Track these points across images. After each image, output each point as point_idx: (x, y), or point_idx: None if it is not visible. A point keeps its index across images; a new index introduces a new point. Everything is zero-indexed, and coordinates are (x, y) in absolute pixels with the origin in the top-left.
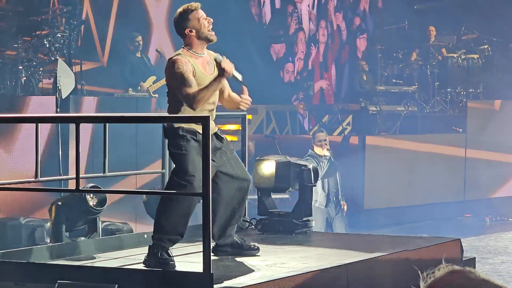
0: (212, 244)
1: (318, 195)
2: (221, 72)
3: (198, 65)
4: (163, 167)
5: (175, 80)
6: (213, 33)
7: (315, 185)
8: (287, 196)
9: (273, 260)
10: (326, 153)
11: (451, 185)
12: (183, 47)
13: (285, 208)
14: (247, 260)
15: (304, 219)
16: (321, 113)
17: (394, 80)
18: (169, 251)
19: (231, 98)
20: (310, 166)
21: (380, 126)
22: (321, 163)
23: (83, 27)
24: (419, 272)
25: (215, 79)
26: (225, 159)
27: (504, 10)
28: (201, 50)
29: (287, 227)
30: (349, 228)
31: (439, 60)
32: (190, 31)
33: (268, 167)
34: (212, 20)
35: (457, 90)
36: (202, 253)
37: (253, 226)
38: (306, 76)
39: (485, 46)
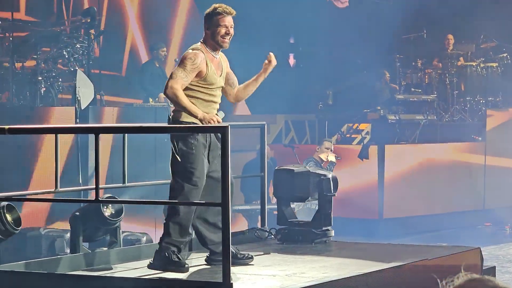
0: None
1: None
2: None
3: (213, 66)
4: None
5: (181, 61)
6: (226, 40)
7: (334, 195)
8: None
9: (292, 270)
10: (332, 159)
11: (471, 194)
12: (201, 42)
13: None
14: (266, 270)
15: (324, 228)
16: (340, 122)
17: (413, 89)
18: (179, 255)
19: (245, 86)
20: (330, 176)
21: (399, 135)
22: (327, 168)
23: (102, 38)
24: (438, 280)
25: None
26: (216, 162)
27: None
28: (214, 50)
29: (307, 237)
30: (368, 238)
31: (458, 69)
32: (207, 29)
33: (287, 177)
34: (232, 32)
35: (476, 99)
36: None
37: (272, 236)
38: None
39: (504, 55)
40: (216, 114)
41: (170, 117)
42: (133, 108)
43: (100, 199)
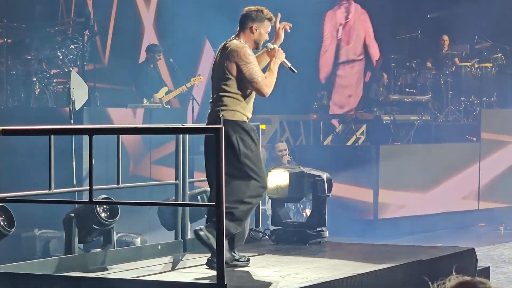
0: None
1: None
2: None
3: None
4: (176, 178)
5: (248, 65)
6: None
7: (329, 196)
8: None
9: (287, 271)
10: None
11: (466, 194)
12: (238, 39)
13: None
14: (261, 271)
15: (318, 229)
16: (335, 123)
17: (407, 90)
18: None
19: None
20: (324, 176)
21: (394, 136)
22: None
23: (98, 38)
24: (430, 283)
25: (274, 64)
26: None
27: None
28: (250, 48)
29: (301, 238)
30: (364, 238)
31: (453, 69)
32: (256, 30)
33: (281, 178)
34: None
35: (470, 99)
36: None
37: (267, 237)
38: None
39: (499, 55)
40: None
41: (221, 116)
42: (128, 109)
43: (94, 200)
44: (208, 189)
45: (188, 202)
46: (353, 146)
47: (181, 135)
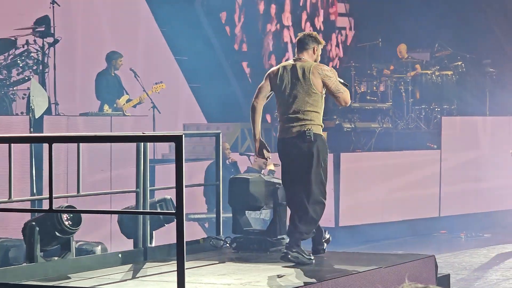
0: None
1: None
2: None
3: None
4: (137, 186)
5: (331, 79)
6: None
7: None
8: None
9: (247, 279)
10: (271, 167)
11: (427, 202)
12: (305, 59)
13: None
14: (221, 279)
15: (279, 237)
16: None
17: (368, 97)
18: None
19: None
20: None
21: (354, 143)
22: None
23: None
24: None
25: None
26: None
27: (477, 27)
28: None
29: (262, 245)
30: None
31: (413, 77)
32: (316, 50)
33: (242, 185)
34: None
35: (431, 107)
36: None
37: (227, 245)
38: None
39: (459, 63)
40: None
41: (310, 130)
42: (88, 117)
43: (54, 209)
44: (168, 197)
45: (148, 210)
46: None
47: (142, 143)
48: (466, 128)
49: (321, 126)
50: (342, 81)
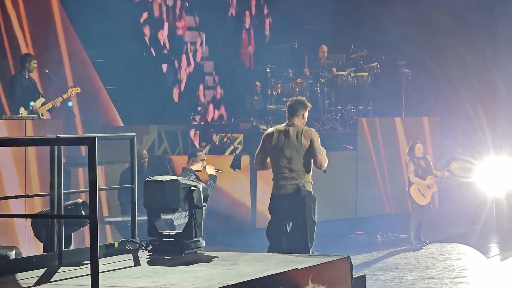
0: None
1: None
2: None
3: None
4: (51, 189)
5: (319, 142)
6: None
7: (205, 205)
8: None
9: (163, 282)
10: (211, 171)
11: (343, 202)
12: (296, 123)
13: None
14: (136, 282)
15: (195, 239)
16: (213, 133)
17: (284, 99)
18: None
19: None
20: (200, 187)
21: None
22: (211, 182)
23: None
24: None
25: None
26: None
27: (392, 28)
28: None
29: (177, 248)
30: (241, 247)
31: (329, 78)
32: (304, 115)
33: (157, 188)
34: None
35: (347, 108)
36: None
37: (143, 248)
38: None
39: (374, 64)
40: None
41: (304, 189)
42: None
43: None
44: (80, 200)
45: (62, 214)
46: (231, 156)
47: (56, 146)
48: (381, 129)
49: (311, 183)
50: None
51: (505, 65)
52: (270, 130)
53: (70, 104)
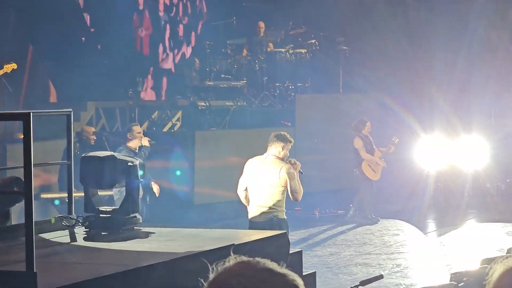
0: None
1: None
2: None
3: None
4: None
5: (294, 181)
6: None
7: (141, 181)
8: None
9: (99, 258)
10: (145, 143)
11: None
12: (279, 158)
13: None
14: (72, 258)
15: (131, 215)
16: (151, 109)
17: (223, 75)
18: None
19: None
20: (137, 162)
21: (209, 121)
22: (142, 153)
23: None
24: (209, 265)
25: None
26: None
27: (331, 5)
28: None
29: (114, 224)
30: (180, 224)
31: (268, 55)
32: (283, 149)
33: (93, 164)
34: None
35: (285, 85)
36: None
37: (80, 224)
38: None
39: (313, 41)
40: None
41: (277, 217)
42: None
43: None
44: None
45: None
46: (169, 132)
47: None
48: (319, 105)
49: (284, 211)
50: (301, 171)
51: (441, 44)
52: (253, 159)
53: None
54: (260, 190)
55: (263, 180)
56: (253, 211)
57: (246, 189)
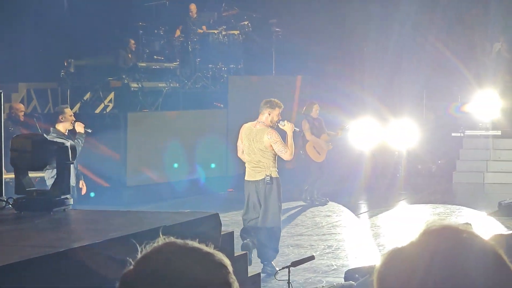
0: None
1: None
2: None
3: None
4: None
5: (277, 141)
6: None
7: (72, 163)
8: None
9: (28, 240)
10: (81, 130)
11: (215, 160)
12: (263, 123)
13: None
14: (3, 241)
15: (63, 197)
16: (83, 91)
17: (155, 57)
18: None
19: None
20: (68, 144)
21: (142, 103)
22: (79, 141)
23: None
24: (137, 245)
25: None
26: None
27: None
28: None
29: (45, 206)
30: (112, 205)
31: (200, 37)
32: (269, 114)
33: (24, 145)
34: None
35: (218, 66)
36: None
37: (10, 205)
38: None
39: (246, 22)
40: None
41: (270, 176)
42: None
43: None
44: None
45: None
46: (102, 114)
47: None
48: (252, 87)
49: (276, 170)
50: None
51: (373, 27)
52: (245, 124)
53: None
54: (252, 154)
55: (254, 146)
56: (248, 173)
57: (243, 152)
